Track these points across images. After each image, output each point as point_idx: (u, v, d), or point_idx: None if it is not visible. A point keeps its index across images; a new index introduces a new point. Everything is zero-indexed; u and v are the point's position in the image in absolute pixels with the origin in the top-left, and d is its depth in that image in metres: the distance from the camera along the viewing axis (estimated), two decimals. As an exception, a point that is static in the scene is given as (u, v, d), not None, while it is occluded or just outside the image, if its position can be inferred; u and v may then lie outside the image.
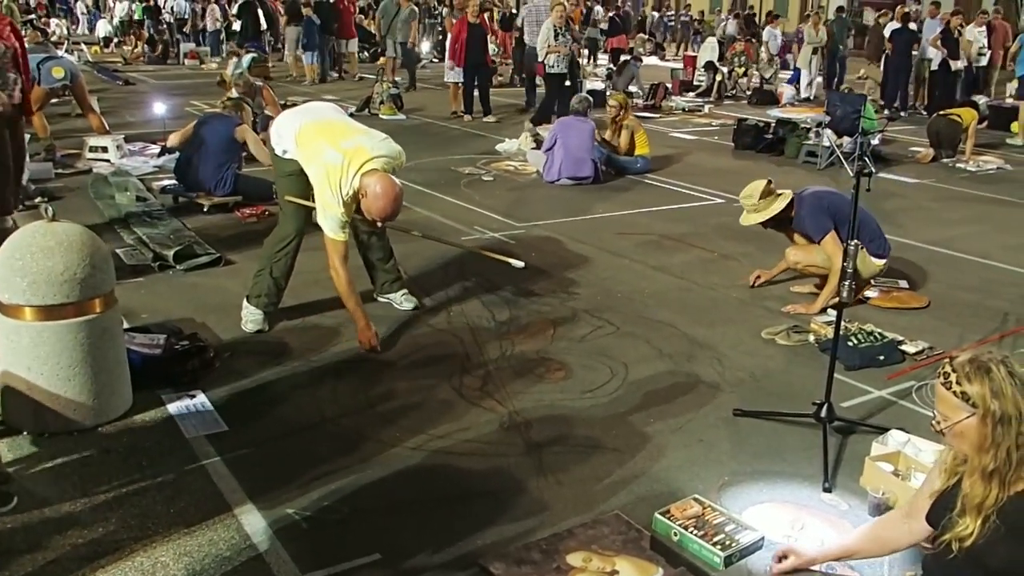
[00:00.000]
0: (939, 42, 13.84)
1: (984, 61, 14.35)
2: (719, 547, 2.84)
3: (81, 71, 9.98)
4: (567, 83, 11.42)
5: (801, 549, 2.80)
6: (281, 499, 3.11)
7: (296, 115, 4.58)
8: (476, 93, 12.64)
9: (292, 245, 4.66)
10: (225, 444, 3.48)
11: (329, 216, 4.25)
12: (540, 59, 11.84)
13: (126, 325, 4.16)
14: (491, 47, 12.80)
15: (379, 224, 4.38)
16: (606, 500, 3.16)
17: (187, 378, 3.97)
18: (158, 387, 3.88)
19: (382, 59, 16.45)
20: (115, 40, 24.20)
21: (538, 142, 9.57)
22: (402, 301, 5.01)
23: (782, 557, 2.78)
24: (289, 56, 17.76)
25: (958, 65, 14.01)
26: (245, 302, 4.67)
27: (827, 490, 3.27)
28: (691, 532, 2.91)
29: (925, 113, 13.63)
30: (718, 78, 16.19)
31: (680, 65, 18.77)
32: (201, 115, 8.12)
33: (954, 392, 2.19)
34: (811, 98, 15.26)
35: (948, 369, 2.22)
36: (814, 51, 15.63)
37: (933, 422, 2.30)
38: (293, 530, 2.94)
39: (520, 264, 5.03)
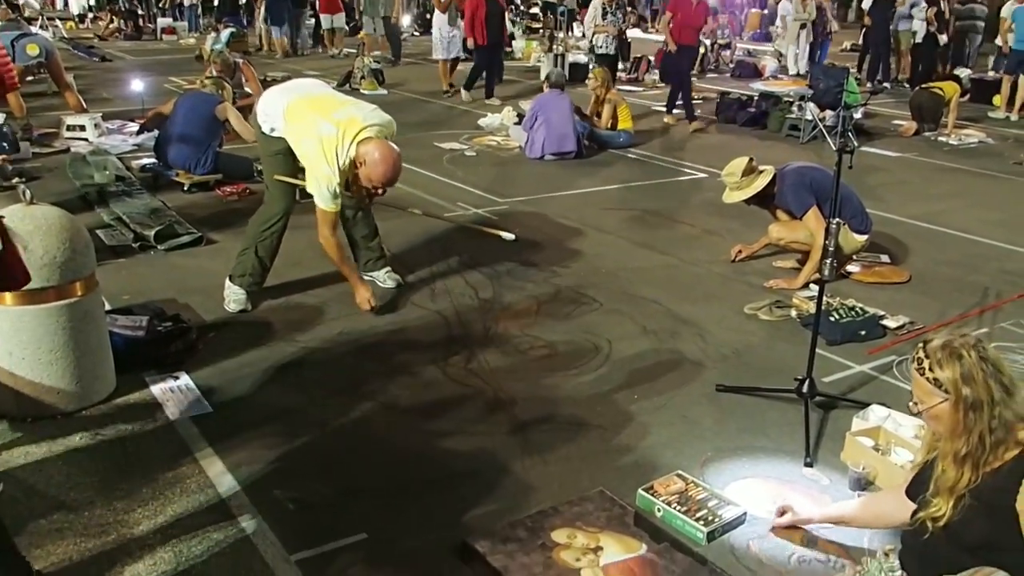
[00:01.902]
0: (933, 16, 13.72)
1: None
2: (702, 522, 2.87)
3: (57, 48, 9.84)
4: (619, 65, 10.91)
5: (800, 507, 2.93)
6: (267, 480, 3.11)
7: (283, 92, 4.55)
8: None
9: (279, 225, 4.64)
10: (210, 426, 3.47)
11: (324, 187, 4.25)
12: (588, 39, 11.51)
13: (108, 307, 4.13)
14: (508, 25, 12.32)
15: (379, 192, 4.37)
16: (590, 477, 3.18)
17: (171, 360, 3.96)
18: (142, 369, 3.87)
19: (362, 33, 16.32)
20: (90, 16, 23.87)
21: (521, 117, 9.53)
22: (385, 279, 5.00)
23: (781, 513, 2.91)
24: (262, 31, 17.68)
25: (944, 39, 13.98)
26: (228, 281, 4.65)
27: (808, 465, 3.31)
28: (674, 508, 2.94)
29: (908, 86, 13.65)
30: (701, 51, 16.11)
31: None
32: (181, 93, 8.04)
33: (927, 378, 2.22)
34: (800, 73, 15.23)
35: (922, 355, 2.25)
36: (801, 26, 15.59)
37: (910, 403, 2.33)
38: (280, 511, 2.95)
39: (511, 236, 5.03)
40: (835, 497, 3.10)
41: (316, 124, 4.23)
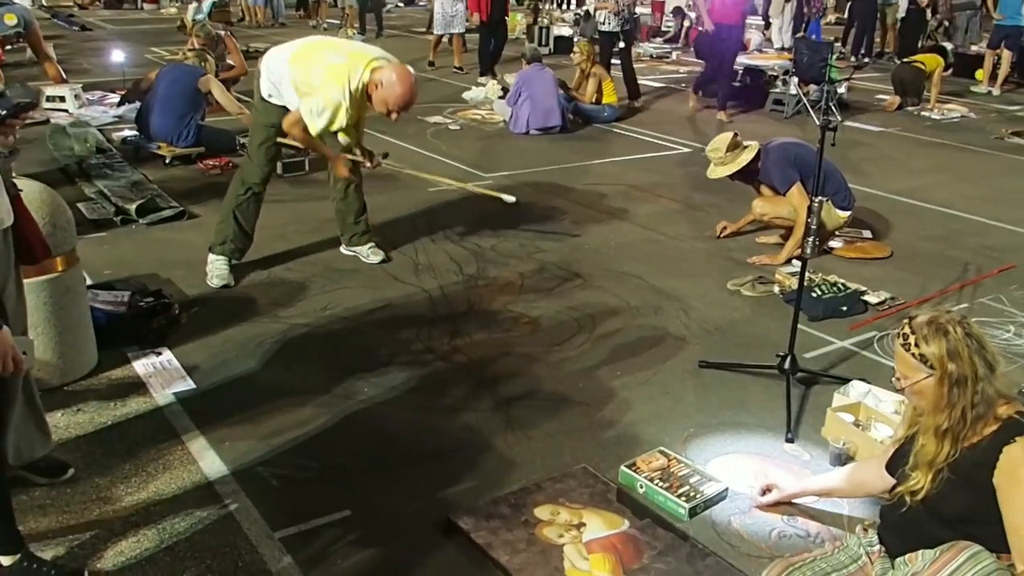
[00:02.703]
0: None
1: None
2: (684, 499, 2.90)
3: (35, 18, 9.67)
4: (620, 44, 10.02)
5: (783, 484, 2.96)
6: (251, 457, 3.11)
7: (286, 46, 4.54)
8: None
9: (258, 191, 4.63)
10: (193, 402, 3.47)
11: (328, 112, 4.17)
12: (592, 14, 11.23)
13: (89, 282, 4.10)
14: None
15: (397, 115, 4.30)
16: (573, 454, 3.20)
17: (153, 336, 3.94)
18: (124, 345, 3.85)
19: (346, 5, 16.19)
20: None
21: (505, 90, 9.47)
22: (369, 254, 4.98)
23: (765, 491, 2.94)
24: (243, 1, 17.53)
25: (929, 14, 13.98)
26: (210, 253, 4.62)
27: (790, 441, 3.33)
28: (656, 484, 2.96)
29: (896, 60, 13.65)
30: (686, 24, 16.06)
31: (648, 11, 18.60)
32: (164, 64, 7.94)
33: (912, 354, 2.24)
34: (784, 47, 15.18)
35: (907, 330, 2.26)
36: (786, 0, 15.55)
37: (894, 379, 2.35)
38: (263, 488, 2.95)
39: (512, 199, 5.04)
40: (815, 473, 3.12)
41: (326, 58, 4.26)
